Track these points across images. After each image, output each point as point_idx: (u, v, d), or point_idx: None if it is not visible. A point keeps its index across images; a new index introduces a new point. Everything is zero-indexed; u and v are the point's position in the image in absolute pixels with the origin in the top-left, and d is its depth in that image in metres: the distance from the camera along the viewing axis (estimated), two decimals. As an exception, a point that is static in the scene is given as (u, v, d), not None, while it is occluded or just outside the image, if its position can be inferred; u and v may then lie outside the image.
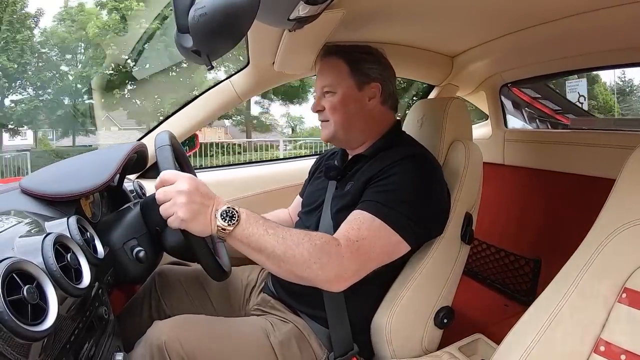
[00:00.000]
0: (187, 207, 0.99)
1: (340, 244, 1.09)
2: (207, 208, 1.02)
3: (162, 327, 1.16)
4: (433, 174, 1.28)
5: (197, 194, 1.01)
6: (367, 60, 1.39)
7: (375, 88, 1.38)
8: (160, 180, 1.04)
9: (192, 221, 1.00)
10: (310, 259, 1.04)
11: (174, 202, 0.99)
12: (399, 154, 1.27)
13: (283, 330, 1.27)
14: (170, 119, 1.93)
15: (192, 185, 1.01)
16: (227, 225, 1.01)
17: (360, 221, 1.15)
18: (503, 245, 2.18)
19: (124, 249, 1.22)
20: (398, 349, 1.29)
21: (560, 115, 2.50)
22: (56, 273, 0.78)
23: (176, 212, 0.99)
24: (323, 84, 1.40)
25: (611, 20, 1.30)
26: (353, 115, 1.37)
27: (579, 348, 0.88)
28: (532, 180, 2.17)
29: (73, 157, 1.35)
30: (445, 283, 1.35)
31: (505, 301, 2.09)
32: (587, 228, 0.96)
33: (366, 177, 1.27)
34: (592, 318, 0.88)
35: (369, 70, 1.38)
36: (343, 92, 1.37)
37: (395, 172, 1.22)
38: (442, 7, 1.34)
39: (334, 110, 1.38)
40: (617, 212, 0.92)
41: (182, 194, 0.99)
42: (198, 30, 0.83)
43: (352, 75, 1.37)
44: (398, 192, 1.18)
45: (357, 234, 1.12)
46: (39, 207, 1.08)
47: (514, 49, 1.74)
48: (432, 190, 1.26)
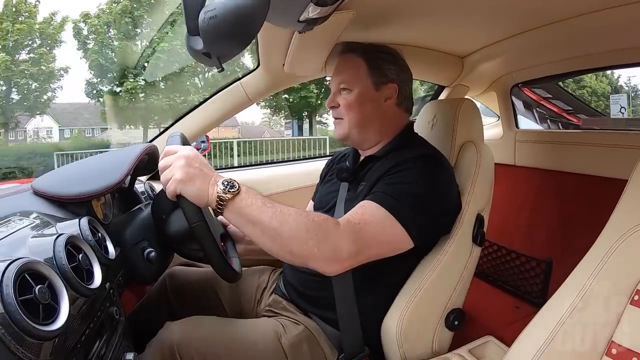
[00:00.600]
0: (185, 169, 1.01)
1: (339, 224, 1.08)
2: (206, 176, 1.03)
3: (173, 329, 1.17)
4: (443, 173, 1.27)
5: (196, 160, 1.04)
6: (386, 61, 1.39)
7: (392, 89, 1.38)
8: (164, 152, 1.07)
9: (187, 182, 1.01)
10: (307, 234, 1.03)
11: (173, 166, 1.02)
12: (412, 153, 1.27)
13: (294, 332, 1.27)
14: (181, 120, 1.94)
15: (193, 152, 1.04)
16: (227, 192, 1.01)
17: (364, 207, 1.15)
18: (514, 247, 2.16)
19: (135, 249, 1.23)
20: (408, 351, 1.28)
21: (571, 115, 2.48)
22: (68, 273, 0.79)
23: (173, 175, 1.01)
24: (340, 80, 1.40)
25: (622, 19, 1.29)
26: (368, 114, 1.37)
27: (591, 351, 0.87)
28: (544, 181, 2.15)
29: (85, 159, 1.37)
30: (457, 285, 1.34)
31: (517, 303, 2.07)
32: (599, 229, 0.95)
33: (377, 175, 1.26)
34: (604, 320, 0.87)
35: (388, 71, 1.38)
36: (360, 90, 1.36)
37: (407, 167, 1.22)
38: (452, 7, 1.34)
39: (349, 108, 1.37)
40: (629, 213, 0.91)
41: (181, 158, 1.03)
42: (208, 32, 0.83)
43: (371, 75, 1.37)
44: (406, 186, 1.18)
45: (359, 218, 1.12)
46: (50, 208, 1.09)
47: (525, 48, 1.73)
48: (441, 189, 1.25)
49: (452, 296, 1.34)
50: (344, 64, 1.42)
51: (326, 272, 1.08)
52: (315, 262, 1.06)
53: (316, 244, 1.03)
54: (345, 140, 1.43)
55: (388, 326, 1.30)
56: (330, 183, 1.52)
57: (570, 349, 0.89)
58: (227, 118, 1.99)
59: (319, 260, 1.06)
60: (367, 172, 1.36)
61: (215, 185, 1.01)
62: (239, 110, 1.96)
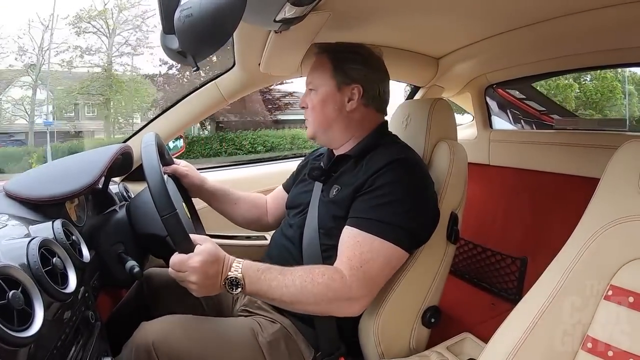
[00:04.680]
0: (200, 288, 1.10)
1: (344, 276, 1.13)
2: (217, 280, 1.11)
3: (149, 328, 1.16)
4: (423, 179, 1.28)
5: (204, 274, 1.09)
6: (351, 61, 1.37)
7: (356, 90, 1.36)
8: (171, 265, 1.13)
9: (206, 294, 1.13)
10: (317, 299, 1.11)
11: (186, 280, 1.11)
12: (384, 158, 1.25)
13: (271, 330, 1.27)
14: (156, 120, 1.91)
15: (201, 270, 1.09)
16: (235, 291, 1.11)
17: (360, 245, 1.16)
18: (489, 245, 2.20)
19: (110, 252, 1.21)
20: (386, 349, 1.29)
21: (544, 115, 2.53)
22: (42, 277, 0.78)
23: (187, 285, 1.12)
24: (308, 81, 1.41)
25: (596, 22, 1.32)
26: (330, 115, 1.37)
27: (567, 345, 0.88)
28: (518, 180, 2.19)
29: (58, 160, 1.34)
30: (432, 283, 1.36)
31: (493, 300, 2.10)
32: (573, 227, 0.97)
33: (353, 184, 1.26)
34: (578, 315, 0.88)
35: (352, 71, 1.36)
36: (323, 91, 1.36)
37: (386, 181, 1.21)
38: (428, 9, 1.35)
39: (313, 109, 1.38)
40: (601, 211, 0.93)
41: (193, 274, 1.09)
42: (184, 31, 0.83)
43: (334, 75, 1.36)
44: (392, 205, 1.19)
45: (359, 259, 1.15)
46: (23, 210, 1.07)
47: (499, 50, 1.76)
48: (424, 197, 1.26)
49: (428, 294, 1.35)
50: (314, 64, 1.42)
51: (352, 315, 1.17)
52: (335, 314, 1.17)
53: (327, 303, 1.12)
54: (314, 139, 1.44)
55: (364, 324, 1.31)
56: (304, 183, 1.52)
57: (546, 344, 0.91)
58: (202, 118, 1.97)
59: (338, 313, 1.16)
60: (341, 174, 1.36)
61: (224, 288, 1.11)
62: (215, 110, 1.95)
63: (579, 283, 0.90)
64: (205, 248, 1.11)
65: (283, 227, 1.50)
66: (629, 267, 0.85)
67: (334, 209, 1.29)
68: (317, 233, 1.30)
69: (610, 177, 0.95)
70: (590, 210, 0.96)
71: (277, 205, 1.72)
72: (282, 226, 1.51)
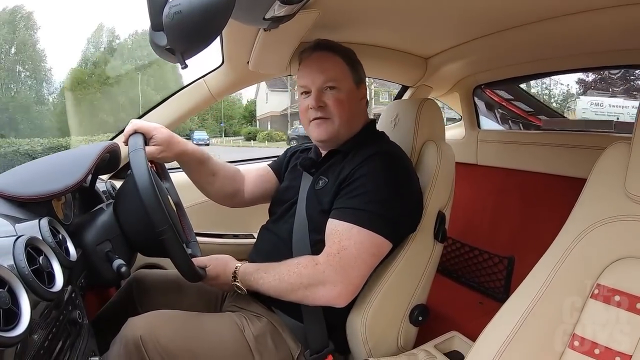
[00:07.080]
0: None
1: (318, 262, 1.18)
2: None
3: (136, 323, 1.16)
4: (403, 170, 1.30)
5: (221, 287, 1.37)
6: (356, 61, 1.42)
7: (364, 89, 1.43)
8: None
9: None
10: (293, 287, 1.20)
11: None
12: (367, 152, 1.29)
13: (257, 325, 1.28)
14: (143, 118, 1.90)
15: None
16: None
17: (339, 233, 1.20)
18: (477, 244, 2.20)
19: (97, 251, 1.20)
20: (374, 347, 1.30)
21: (532, 116, 2.55)
22: (28, 276, 0.77)
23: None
24: (326, 79, 1.35)
25: (583, 25, 1.34)
26: (354, 112, 1.39)
27: (554, 343, 0.89)
28: (505, 180, 2.21)
29: (44, 157, 1.32)
30: (420, 281, 1.37)
31: (480, 299, 2.11)
32: (559, 226, 0.98)
33: (338, 178, 1.29)
34: (565, 314, 0.89)
35: (360, 71, 1.42)
36: (347, 87, 1.37)
37: (364, 172, 1.25)
38: (417, 9, 1.36)
39: (340, 107, 1.35)
40: (588, 210, 0.94)
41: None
42: (172, 28, 0.82)
43: (352, 74, 1.39)
44: (370, 194, 1.22)
45: (337, 246, 1.18)
46: (9, 208, 1.05)
47: (488, 51, 1.78)
48: (403, 186, 1.28)
49: (416, 292, 1.37)
50: (325, 62, 1.37)
51: (336, 304, 1.22)
52: (316, 302, 1.22)
53: (304, 290, 1.20)
54: (330, 141, 1.40)
55: (352, 322, 1.31)
56: (293, 176, 1.53)
57: (533, 342, 0.92)
58: (190, 116, 1.97)
59: (319, 300, 1.21)
60: (330, 167, 1.38)
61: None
62: (203, 107, 1.95)
63: (565, 282, 0.91)
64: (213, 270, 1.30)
65: (271, 222, 1.50)
66: (615, 267, 0.86)
67: (320, 202, 1.31)
68: (306, 228, 1.32)
69: (597, 177, 0.96)
70: (577, 210, 0.97)
71: (258, 183, 1.66)
72: (270, 222, 1.52)
